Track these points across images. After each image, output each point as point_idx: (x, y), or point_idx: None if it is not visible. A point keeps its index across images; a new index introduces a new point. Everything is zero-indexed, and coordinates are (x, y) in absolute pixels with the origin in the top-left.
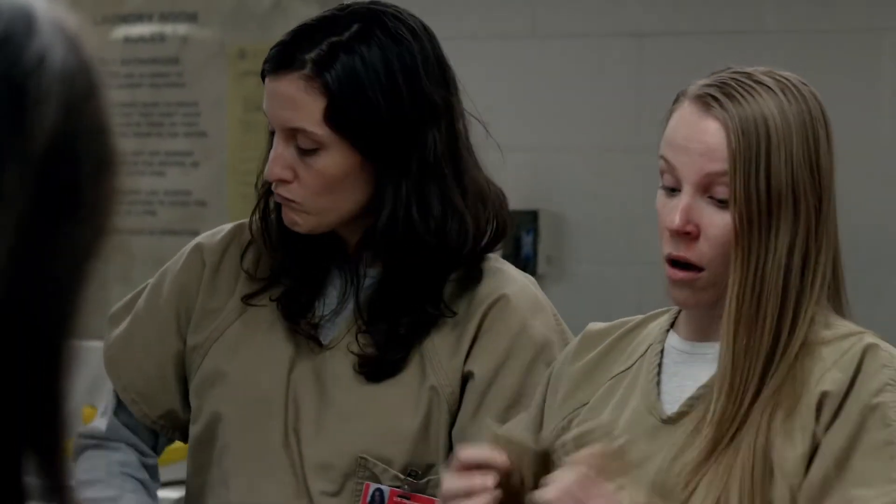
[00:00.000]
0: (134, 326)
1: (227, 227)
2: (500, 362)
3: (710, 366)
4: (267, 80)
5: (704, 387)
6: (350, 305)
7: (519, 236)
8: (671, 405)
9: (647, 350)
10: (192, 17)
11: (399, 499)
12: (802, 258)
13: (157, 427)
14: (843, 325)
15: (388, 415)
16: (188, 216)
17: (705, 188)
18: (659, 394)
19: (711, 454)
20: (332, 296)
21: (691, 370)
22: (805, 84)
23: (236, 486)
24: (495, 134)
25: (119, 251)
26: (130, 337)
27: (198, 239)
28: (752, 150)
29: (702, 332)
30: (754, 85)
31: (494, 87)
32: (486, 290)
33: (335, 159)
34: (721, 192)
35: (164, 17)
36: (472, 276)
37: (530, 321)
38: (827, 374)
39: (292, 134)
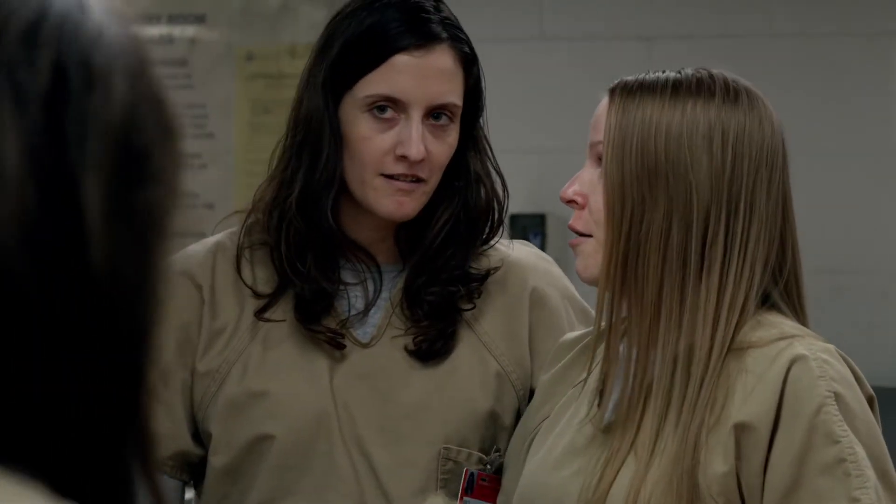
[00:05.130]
0: None
1: (200, 246)
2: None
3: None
4: (406, 54)
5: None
6: (381, 302)
7: (526, 239)
8: (611, 414)
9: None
10: (200, 19)
11: (481, 482)
12: (686, 243)
13: (165, 468)
14: (774, 327)
15: (459, 401)
16: (196, 218)
17: (597, 160)
18: (601, 402)
19: (616, 454)
20: (356, 297)
21: None
22: (734, 88)
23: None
24: (503, 137)
25: None
26: None
27: (178, 265)
28: (626, 123)
29: None
30: (667, 78)
31: (502, 89)
32: (516, 279)
33: (456, 135)
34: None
35: (173, 19)
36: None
37: (562, 302)
38: (750, 395)
39: (433, 108)
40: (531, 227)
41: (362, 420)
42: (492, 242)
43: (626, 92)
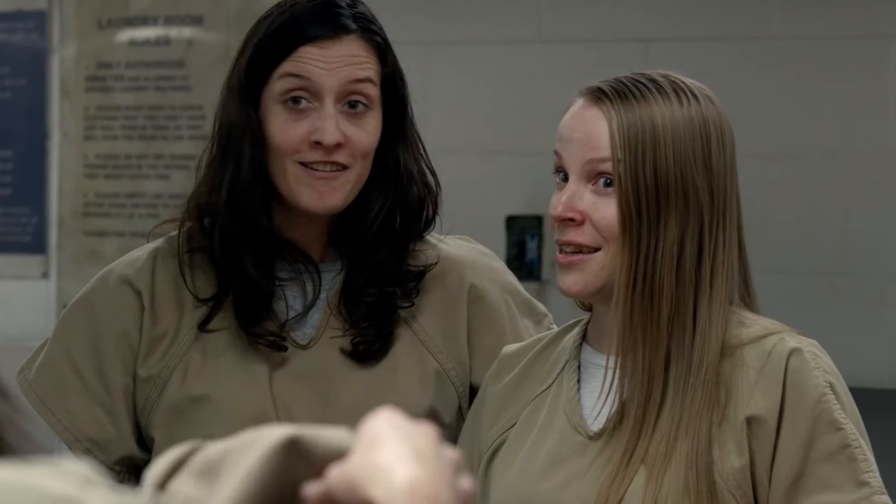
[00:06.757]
0: (69, 373)
1: (141, 252)
2: (502, 338)
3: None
4: (312, 46)
5: (627, 399)
6: (319, 303)
7: (523, 241)
8: (597, 421)
9: (564, 366)
10: (197, 20)
11: None
12: (697, 253)
13: (112, 474)
14: (756, 323)
15: (398, 401)
16: None
17: (589, 176)
18: (582, 409)
19: (629, 461)
20: (294, 297)
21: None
22: (702, 89)
23: None
24: (501, 139)
25: (122, 254)
26: (67, 383)
27: (117, 272)
28: (636, 139)
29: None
30: (646, 83)
31: (500, 91)
32: (454, 275)
33: (376, 124)
34: (605, 179)
35: (170, 20)
36: (425, 251)
37: (502, 297)
38: (755, 389)
39: (347, 93)
40: (528, 229)
41: (302, 421)
42: (425, 235)
43: (619, 104)
